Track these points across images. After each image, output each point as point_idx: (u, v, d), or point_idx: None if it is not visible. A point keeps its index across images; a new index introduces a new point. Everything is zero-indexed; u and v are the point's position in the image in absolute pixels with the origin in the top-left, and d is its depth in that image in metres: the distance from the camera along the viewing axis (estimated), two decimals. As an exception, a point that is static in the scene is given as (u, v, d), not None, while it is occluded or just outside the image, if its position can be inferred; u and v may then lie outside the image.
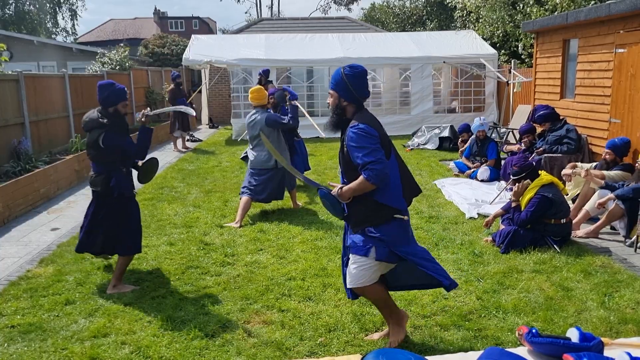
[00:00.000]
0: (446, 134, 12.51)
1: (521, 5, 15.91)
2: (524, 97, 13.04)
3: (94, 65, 16.80)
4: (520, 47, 16.37)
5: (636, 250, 5.56)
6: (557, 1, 13.57)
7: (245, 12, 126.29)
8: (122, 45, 18.55)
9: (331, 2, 43.09)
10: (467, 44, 15.94)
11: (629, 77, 7.30)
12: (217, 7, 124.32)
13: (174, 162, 11.61)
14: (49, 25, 37.33)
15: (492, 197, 7.61)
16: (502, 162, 8.78)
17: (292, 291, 4.63)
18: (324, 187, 3.62)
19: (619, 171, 6.50)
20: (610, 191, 6.05)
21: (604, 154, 6.76)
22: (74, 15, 38.77)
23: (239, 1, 77.93)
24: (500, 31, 17.15)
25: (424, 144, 12.68)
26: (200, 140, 15.28)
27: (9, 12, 34.86)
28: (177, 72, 13.67)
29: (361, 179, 3.34)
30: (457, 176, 9.33)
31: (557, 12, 13.14)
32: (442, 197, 7.91)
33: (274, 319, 4.15)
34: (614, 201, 5.89)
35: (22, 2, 35.39)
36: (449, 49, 15.53)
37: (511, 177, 5.89)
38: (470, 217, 6.80)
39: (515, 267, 5.09)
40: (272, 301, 4.45)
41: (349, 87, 3.43)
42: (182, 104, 12.62)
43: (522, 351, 2.32)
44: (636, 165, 6.26)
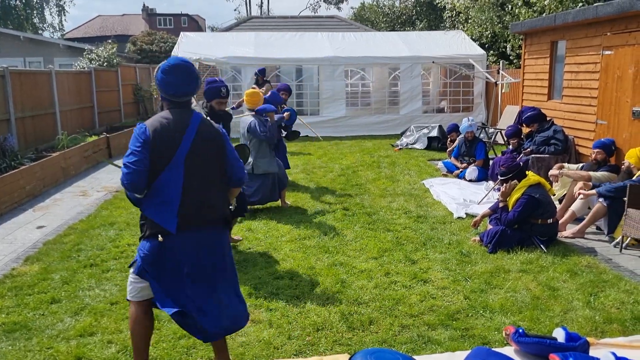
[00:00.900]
0: (435, 133, 12.56)
1: (510, 6, 16.02)
2: (512, 97, 13.13)
3: (82, 61, 16.67)
4: (508, 48, 16.48)
5: (621, 250, 5.62)
6: (546, 3, 13.67)
7: (234, 10, 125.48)
8: (110, 41, 18.42)
9: (321, 0, 43.14)
10: (456, 44, 16.01)
11: (615, 79, 7.37)
12: (206, 5, 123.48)
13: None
14: (36, 20, 36.93)
15: (480, 197, 7.66)
16: (491, 162, 8.85)
17: (280, 290, 4.62)
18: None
19: (605, 172, 6.56)
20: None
21: (594, 154, 6.81)
22: (62, 10, 38.44)
23: (229, -1, 77.72)
24: (489, 32, 17.26)
25: (412, 144, 12.71)
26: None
27: (-5, 6, 34.43)
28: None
29: None
30: (445, 176, 9.36)
31: (545, 14, 13.24)
32: (430, 196, 7.94)
33: (262, 317, 4.14)
34: (598, 199, 5.97)
35: (9, -4, 34.98)
36: (438, 49, 15.59)
37: (499, 177, 5.94)
38: (458, 217, 6.83)
39: (502, 266, 5.12)
40: (260, 300, 4.44)
41: (158, 83, 3.20)
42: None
43: (509, 351, 2.33)
44: (622, 166, 6.34)
